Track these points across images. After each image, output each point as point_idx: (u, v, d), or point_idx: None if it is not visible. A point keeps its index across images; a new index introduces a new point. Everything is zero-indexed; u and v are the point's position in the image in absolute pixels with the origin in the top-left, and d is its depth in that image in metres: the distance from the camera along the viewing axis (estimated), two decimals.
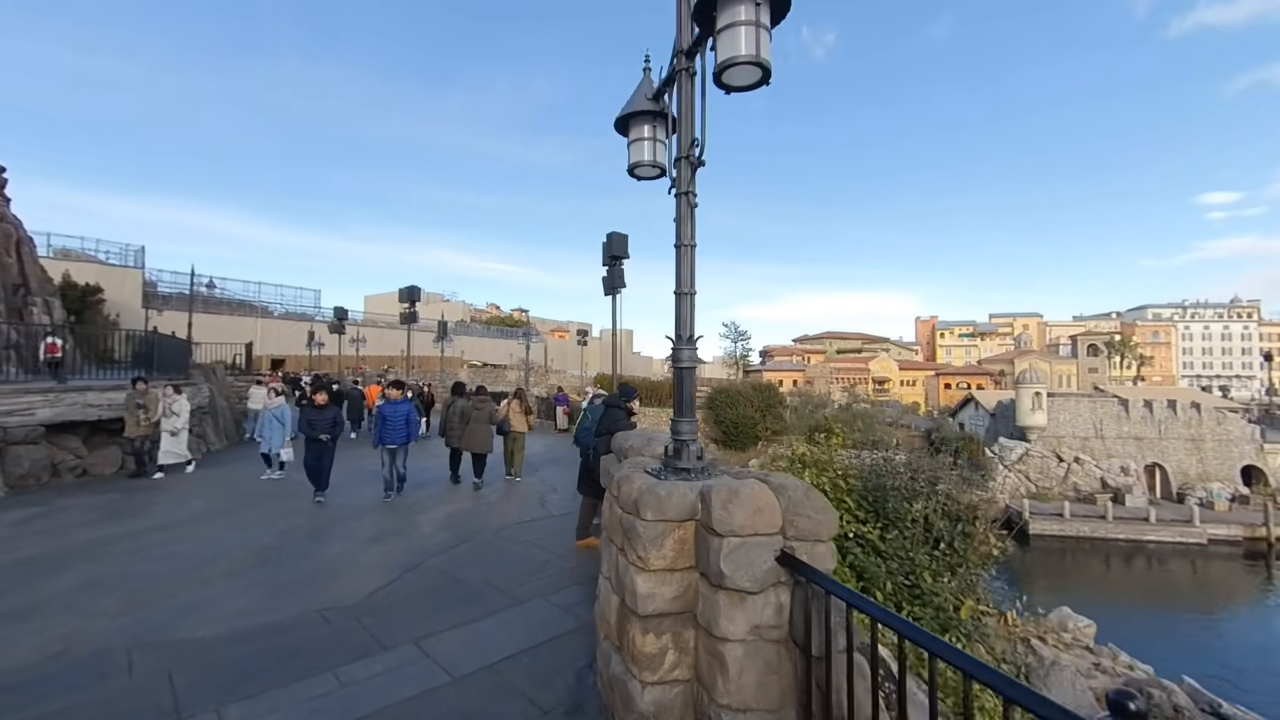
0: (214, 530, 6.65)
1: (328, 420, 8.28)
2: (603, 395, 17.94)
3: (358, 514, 7.45)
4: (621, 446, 4.54)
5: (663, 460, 3.50)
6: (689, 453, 3.31)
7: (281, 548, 6.02)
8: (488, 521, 7.16)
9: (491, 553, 5.95)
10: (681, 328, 3.41)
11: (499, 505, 8.10)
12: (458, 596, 4.78)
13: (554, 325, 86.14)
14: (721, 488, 2.80)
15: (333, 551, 5.93)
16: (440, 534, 6.58)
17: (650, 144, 3.84)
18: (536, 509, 7.88)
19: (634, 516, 3.03)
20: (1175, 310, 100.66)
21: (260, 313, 54.58)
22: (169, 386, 10.56)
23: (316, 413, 8.36)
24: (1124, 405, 38.65)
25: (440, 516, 7.37)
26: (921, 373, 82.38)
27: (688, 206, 3.41)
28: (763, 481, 2.94)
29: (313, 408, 8.45)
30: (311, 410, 8.45)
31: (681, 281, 3.39)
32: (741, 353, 69.97)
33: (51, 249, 42.67)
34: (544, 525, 7.05)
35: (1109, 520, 30.34)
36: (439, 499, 8.43)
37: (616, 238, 18.67)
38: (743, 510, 2.70)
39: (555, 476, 10.37)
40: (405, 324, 39.11)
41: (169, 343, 13.31)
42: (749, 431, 31.43)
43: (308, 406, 8.64)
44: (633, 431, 4.86)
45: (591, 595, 4.72)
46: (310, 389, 8.88)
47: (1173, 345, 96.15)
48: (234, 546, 6.01)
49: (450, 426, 9.97)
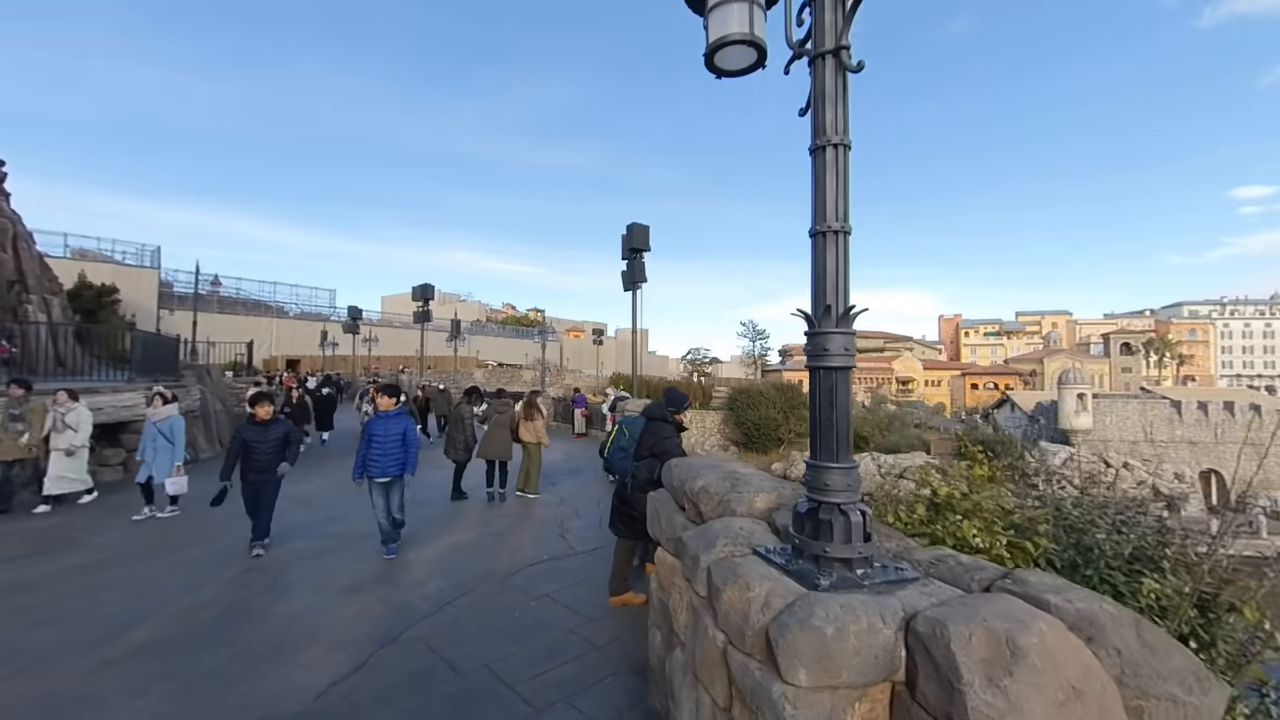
0: (140, 577, 5.26)
1: (273, 444, 5.89)
2: (626, 397, 16.39)
3: (334, 547, 6.03)
4: (683, 485, 3.04)
5: (792, 536, 1.99)
6: (852, 530, 1.79)
7: (221, 605, 4.60)
8: (495, 561, 5.70)
9: (498, 614, 4.48)
10: (828, 293, 1.90)
11: (510, 536, 6.64)
12: (446, 699, 3.32)
13: (569, 325, 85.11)
14: (969, 627, 1.29)
15: (290, 610, 4.50)
16: (434, 581, 5.13)
17: (744, 7, 2.32)
18: (555, 542, 6.42)
19: (762, 665, 1.54)
20: (1213, 308, 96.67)
21: (275, 313, 54.16)
22: (62, 392, 7.98)
23: (257, 431, 5.91)
24: (1176, 407, 36.22)
25: (436, 553, 5.93)
26: (947, 372, 79.91)
27: (838, 76, 1.90)
28: (1042, 607, 1.42)
29: (252, 425, 5.95)
30: (250, 428, 5.93)
31: (825, 211, 1.89)
32: (760, 352, 68.22)
33: (68, 249, 42.56)
34: (566, 568, 5.57)
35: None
36: (438, 526, 7.00)
37: (637, 229, 17.12)
38: (1041, 694, 1.19)
39: (577, 494, 8.90)
40: (419, 323, 38.25)
41: (153, 340, 12.11)
42: (771, 434, 29.99)
43: (252, 422, 5.99)
44: (697, 461, 3.38)
45: (637, 699, 3.23)
46: (250, 401, 6.24)
47: (1211, 344, 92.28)
48: (158, 605, 4.61)
49: (452, 437, 8.59)
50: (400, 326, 56.35)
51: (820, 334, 1.91)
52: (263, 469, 5.87)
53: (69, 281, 33.77)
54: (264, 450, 5.87)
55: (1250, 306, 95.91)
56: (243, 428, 5.96)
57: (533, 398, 8.93)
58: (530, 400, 8.80)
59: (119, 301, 36.60)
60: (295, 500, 7.48)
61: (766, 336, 66.37)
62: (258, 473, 5.88)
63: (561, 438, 16.53)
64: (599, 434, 16.72)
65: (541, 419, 8.64)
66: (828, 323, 1.89)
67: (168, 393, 8.59)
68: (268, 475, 5.90)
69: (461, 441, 8.52)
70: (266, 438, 5.91)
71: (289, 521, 6.68)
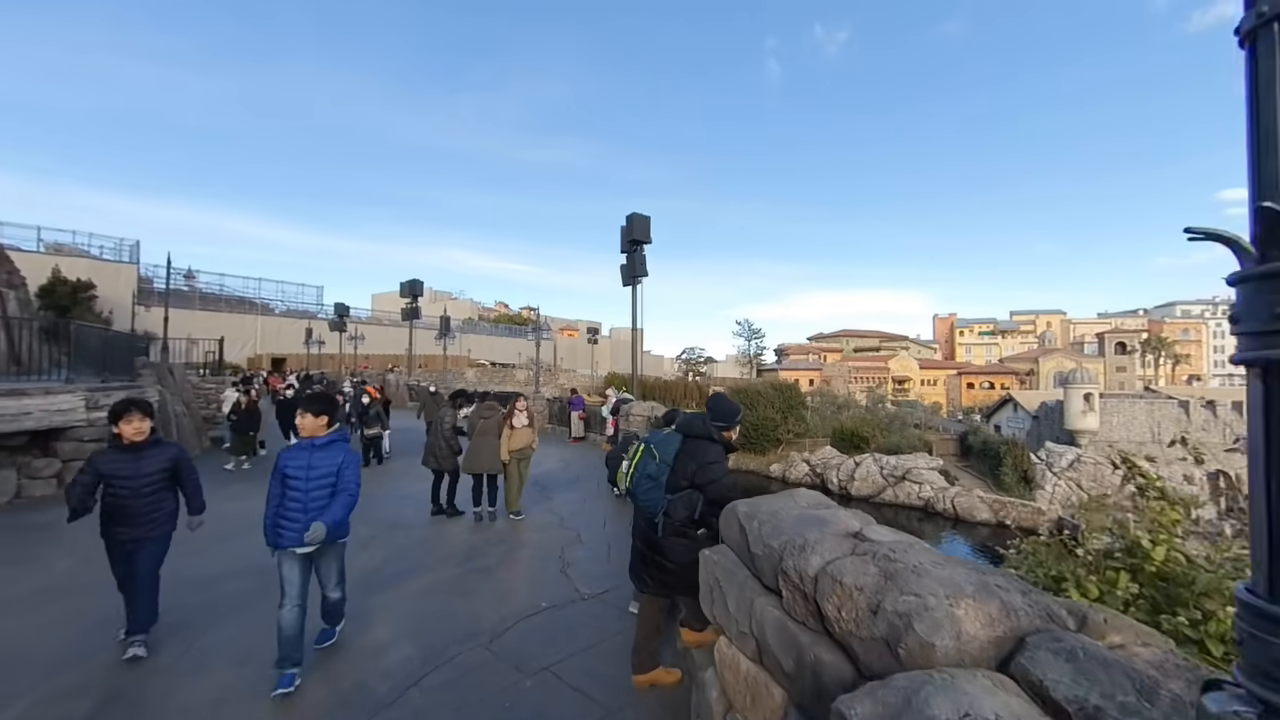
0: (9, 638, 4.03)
1: (151, 481, 3.78)
2: (629, 400, 15.02)
3: (267, 596, 4.67)
4: (773, 553, 1.88)
5: None
6: None
7: (103, 690, 3.38)
8: (480, 612, 4.49)
9: (482, 703, 3.29)
10: None
11: (499, 572, 5.43)
12: None
13: (564, 324, 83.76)
14: None
15: (193, 701, 3.27)
16: (399, 646, 3.92)
17: None
18: (555, 580, 5.22)
19: None
20: (1205, 307, 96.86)
21: (260, 310, 52.51)
22: None
23: (124, 460, 3.76)
24: (1184, 407, 35.51)
25: (406, 600, 4.72)
26: (943, 372, 79.42)
27: None
28: None
29: (117, 450, 3.80)
30: (113, 456, 3.77)
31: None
32: (756, 351, 67.31)
33: (42, 243, 40.82)
34: (571, 620, 4.38)
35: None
36: (412, 558, 5.77)
37: (638, 220, 15.83)
38: None
39: (577, 512, 7.70)
40: (407, 320, 36.87)
41: (98, 335, 10.76)
42: (769, 434, 29.24)
43: (116, 446, 3.83)
44: (779, 506, 2.23)
45: None
46: (112, 413, 3.85)
47: (1204, 343, 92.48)
48: (26, 686, 3.39)
49: (430, 444, 7.42)
50: (389, 325, 54.91)
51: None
52: (136, 519, 3.73)
53: (42, 277, 32.22)
54: (135, 490, 3.72)
55: None
56: (99, 456, 3.77)
57: (513, 407, 7.37)
58: (510, 409, 7.32)
59: (95, 298, 35.04)
60: (216, 538, 5.74)
61: (762, 336, 65.49)
62: (127, 525, 3.72)
63: (557, 442, 15.32)
64: (598, 437, 15.50)
65: (524, 427, 7.24)
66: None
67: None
68: (146, 530, 3.77)
69: (439, 449, 7.34)
70: (139, 471, 3.74)
71: (209, 561, 5.40)
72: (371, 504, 8.02)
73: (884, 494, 30.13)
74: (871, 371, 75.80)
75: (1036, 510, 29.06)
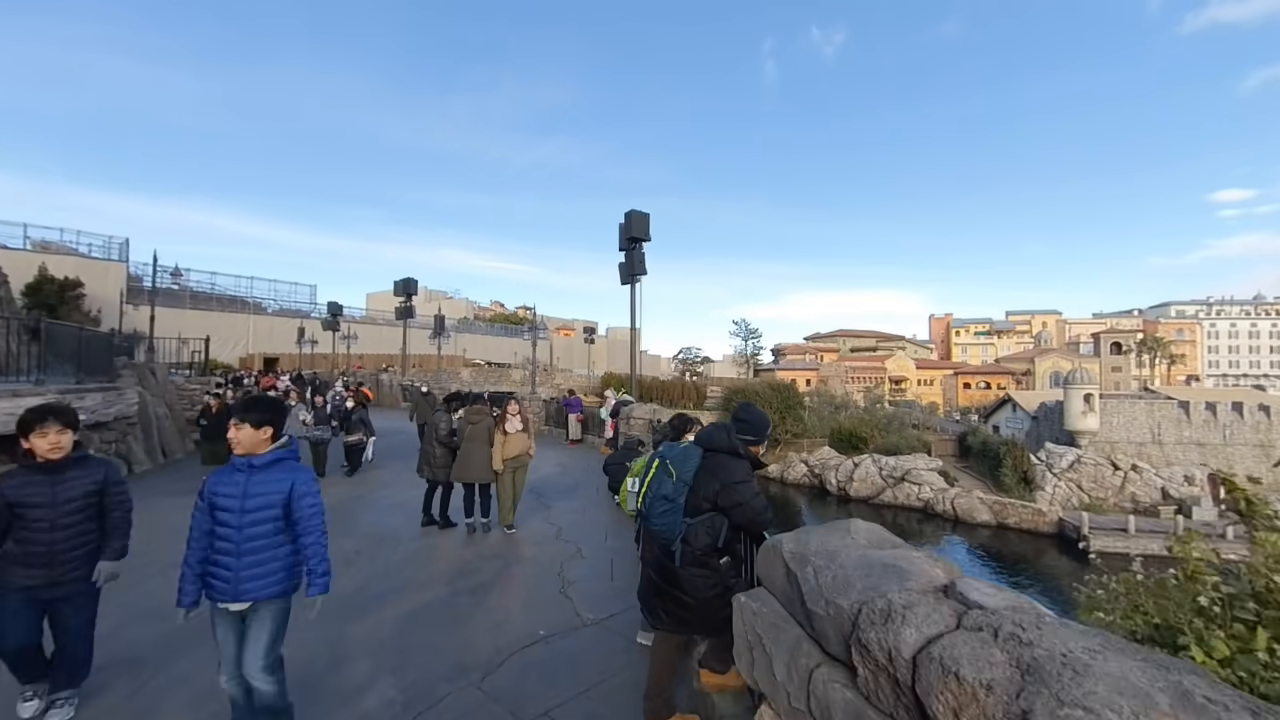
0: None
1: (72, 510, 2.95)
2: (629, 402, 14.49)
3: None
4: (843, 616, 1.43)
5: None
6: None
7: None
8: (471, 642, 4.05)
9: None
10: None
11: (493, 593, 4.98)
12: None
13: (560, 323, 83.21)
14: None
15: None
16: (379, 685, 3.48)
17: None
18: (554, 603, 4.77)
19: None
20: (1199, 308, 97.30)
21: (252, 309, 51.78)
22: None
23: (39, 483, 2.89)
24: (1184, 408, 35.29)
25: (389, 626, 4.26)
26: (939, 372, 79.30)
27: None
28: None
29: (29, 471, 2.91)
30: (23, 479, 2.89)
31: None
32: (752, 351, 66.95)
33: (29, 240, 40.10)
34: (573, 653, 3.93)
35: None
36: (397, 576, 5.31)
37: (636, 217, 15.38)
38: None
39: (577, 522, 7.25)
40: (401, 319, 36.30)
41: (71, 334, 10.22)
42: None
43: (24, 467, 2.93)
44: (836, 545, 1.81)
45: None
46: (21, 423, 2.89)
47: (1198, 343, 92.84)
48: None
49: (424, 451, 6.97)
50: (384, 324, 54.32)
51: None
52: (54, 560, 2.89)
53: (29, 274, 31.51)
54: (52, 523, 2.88)
55: (1235, 306, 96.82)
56: (4, 480, 2.91)
57: (504, 411, 6.82)
58: (502, 413, 6.79)
59: (83, 296, 34.35)
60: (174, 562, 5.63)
61: (759, 336, 65.10)
62: (43, 568, 2.87)
63: (554, 445, 14.86)
64: (596, 440, 15.04)
65: (518, 432, 6.70)
66: None
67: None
68: (68, 573, 2.93)
69: (434, 457, 6.88)
70: (57, 498, 2.90)
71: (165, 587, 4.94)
72: (358, 514, 7.57)
73: (883, 495, 29.84)
74: (868, 371, 75.64)
75: (1037, 511, 28.88)
